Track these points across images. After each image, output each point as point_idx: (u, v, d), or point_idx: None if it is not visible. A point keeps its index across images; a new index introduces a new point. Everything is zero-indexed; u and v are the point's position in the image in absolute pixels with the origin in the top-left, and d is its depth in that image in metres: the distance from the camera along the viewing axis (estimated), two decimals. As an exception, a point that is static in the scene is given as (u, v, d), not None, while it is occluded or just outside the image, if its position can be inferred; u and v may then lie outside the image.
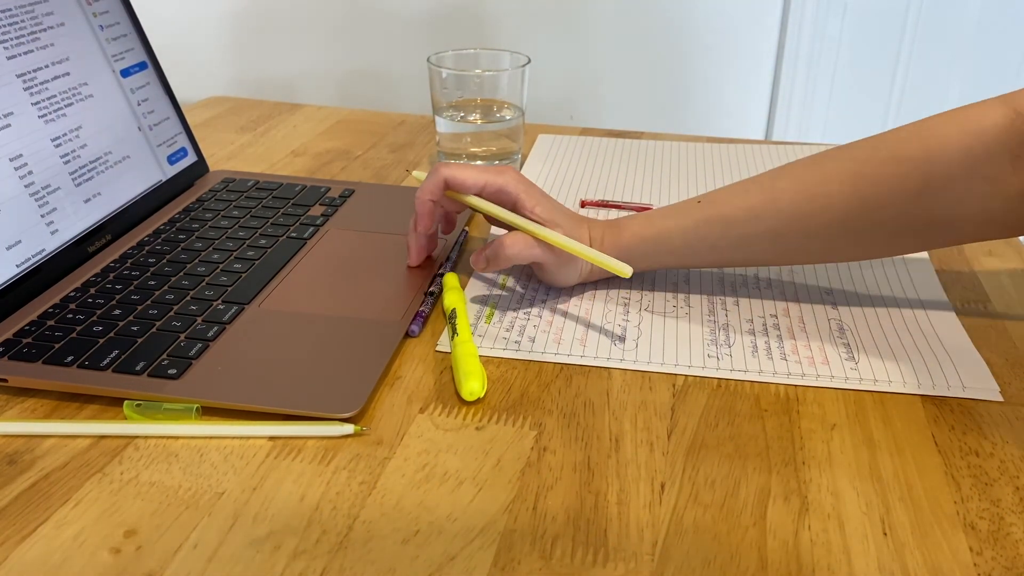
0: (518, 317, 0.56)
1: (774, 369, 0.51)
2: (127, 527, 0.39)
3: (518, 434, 0.45)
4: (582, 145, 0.88)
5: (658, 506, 0.41)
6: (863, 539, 0.39)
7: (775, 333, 0.55)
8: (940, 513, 0.40)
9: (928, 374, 0.50)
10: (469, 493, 0.41)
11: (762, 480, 0.42)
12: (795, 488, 0.42)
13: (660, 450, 0.44)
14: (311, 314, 0.54)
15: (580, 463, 0.43)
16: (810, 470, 0.43)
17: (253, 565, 0.37)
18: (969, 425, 0.46)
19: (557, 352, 0.52)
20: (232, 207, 0.69)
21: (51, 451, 0.44)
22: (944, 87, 1.43)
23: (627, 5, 1.37)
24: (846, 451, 0.44)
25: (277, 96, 1.37)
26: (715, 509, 0.40)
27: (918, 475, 0.43)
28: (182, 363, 0.48)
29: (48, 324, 0.52)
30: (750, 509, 0.40)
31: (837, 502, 0.41)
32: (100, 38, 0.66)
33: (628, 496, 0.41)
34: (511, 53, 0.77)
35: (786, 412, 0.48)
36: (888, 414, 0.47)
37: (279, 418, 0.46)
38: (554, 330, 0.55)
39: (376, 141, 0.91)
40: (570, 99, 1.43)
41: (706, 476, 0.43)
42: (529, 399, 0.48)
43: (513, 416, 0.47)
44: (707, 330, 0.55)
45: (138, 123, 0.69)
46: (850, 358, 0.52)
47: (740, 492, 0.41)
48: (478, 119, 0.76)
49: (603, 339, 0.54)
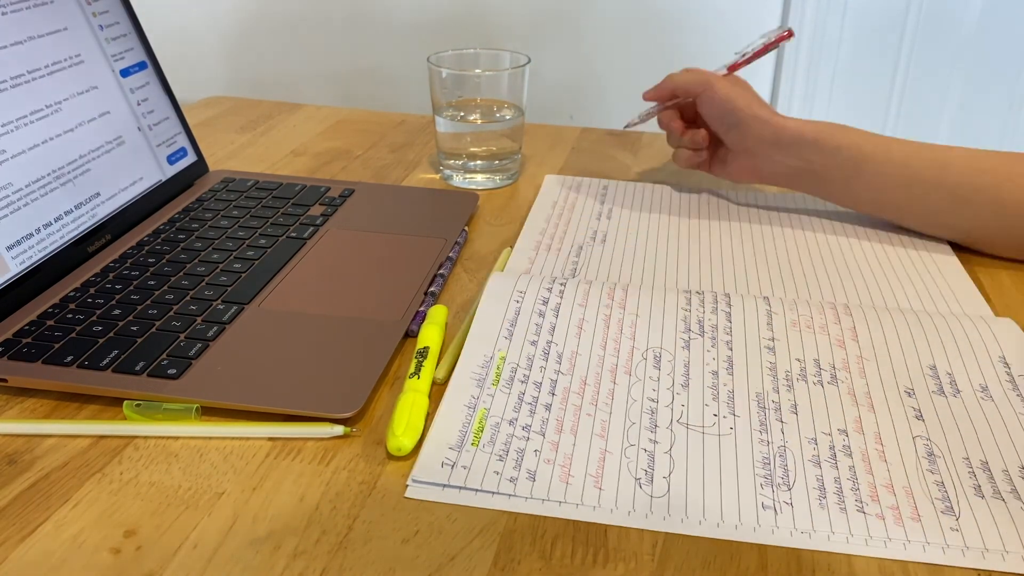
0: (515, 434, 0.44)
1: (849, 531, 0.39)
2: (127, 527, 0.39)
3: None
4: (589, 187, 0.78)
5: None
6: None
7: (846, 463, 0.42)
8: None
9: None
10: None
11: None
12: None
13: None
14: (311, 314, 0.54)
15: (580, 463, 0.43)
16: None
17: (253, 565, 0.37)
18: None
19: (564, 500, 0.40)
20: (232, 207, 0.69)
21: (51, 451, 0.44)
22: (944, 87, 1.43)
23: (627, 5, 1.37)
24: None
25: (277, 96, 1.37)
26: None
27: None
28: (182, 363, 0.48)
29: (48, 324, 0.52)
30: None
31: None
32: (100, 38, 0.66)
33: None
34: (511, 53, 0.77)
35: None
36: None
37: (279, 418, 0.46)
38: (561, 458, 0.42)
39: (376, 141, 0.91)
40: (570, 99, 1.43)
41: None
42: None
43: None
44: (759, 458, 0.43)
45: (138, 123, 0.69)
46: (948, 510, 0.40)
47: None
48: (478, 119, 0.76)
49: (625, 475, 0.42)
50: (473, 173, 0.78)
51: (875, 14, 1.38)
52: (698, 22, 1.37)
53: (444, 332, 0.53)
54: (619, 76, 1.41)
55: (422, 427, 0.44)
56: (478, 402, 0.46)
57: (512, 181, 0.80)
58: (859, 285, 0.61)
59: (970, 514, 0.39)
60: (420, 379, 0.47)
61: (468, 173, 0.78)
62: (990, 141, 1.46)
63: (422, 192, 0.75)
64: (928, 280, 0.61)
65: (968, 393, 0.48)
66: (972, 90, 1.43)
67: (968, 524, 0.39)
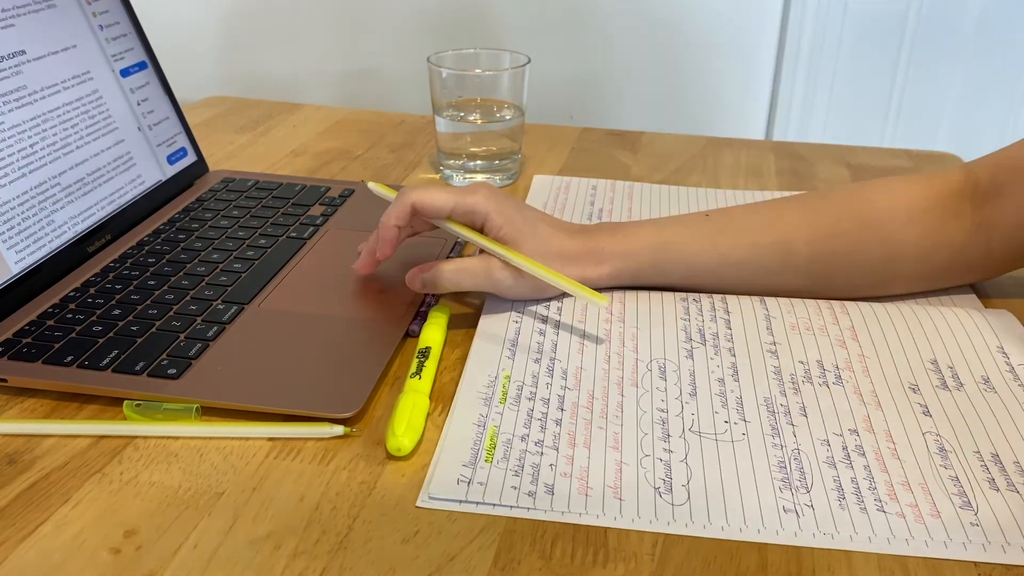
0: (528, 450, 0.43)
1: (872, 530, 0.38)
2: (127, 527, 0.39)
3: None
4: (578, 187, 0.78)
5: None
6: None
7: (861, 462, 0.42)
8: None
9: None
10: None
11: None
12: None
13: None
14: (311, 314, 0.54)
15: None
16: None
17: (253, 565, 0.37)
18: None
19: (585, 512, 0.40)
20: (232, 207, 0.69)
21: (51, 451, 0.44)
22: (944, 87, 1.43)
23: (627, 5, 1.37)
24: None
25: (277, 96, 1.37)
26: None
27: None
28: (182, 363, 0.48)
29: (48, 324, 0.52)
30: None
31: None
32: (100, 38, 0.66)
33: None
34: (511, 53, 0.77)
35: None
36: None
37: (279, 418, 0.46)
38: (578, 471, 0.42)
39: (376, 141, 0.91)
40: (570, 99, 1.43)
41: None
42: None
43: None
44: (775, 462, 0.42)
45: (138, 123, 0.69)
46: (966, 505, 0.40)
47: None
48: (478, 119, 0.76)
49: (644, 485, 0.41)
50: (473, 173, 0.78)
51: (875, 14, 1.38)
52: (698, 22, 1.37)
53: (446, 332, 0.53)
54: (619, 76, 1.41)
55: (423, 427, 0.44)
56: (487, 420, 0.45)
57: (512, 181, 0.80)
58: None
59: (988, 508, 0.39)
60: (421, 379, 0.47)
61: (468, 173, 0.78)
62: (990, 141, 1.46)
63: (422, 192, 0.75)
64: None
65: (971, 385, 0.48)
66: (972, 90, 1.43)
67: (987, 518, 0.39)
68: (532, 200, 0.75)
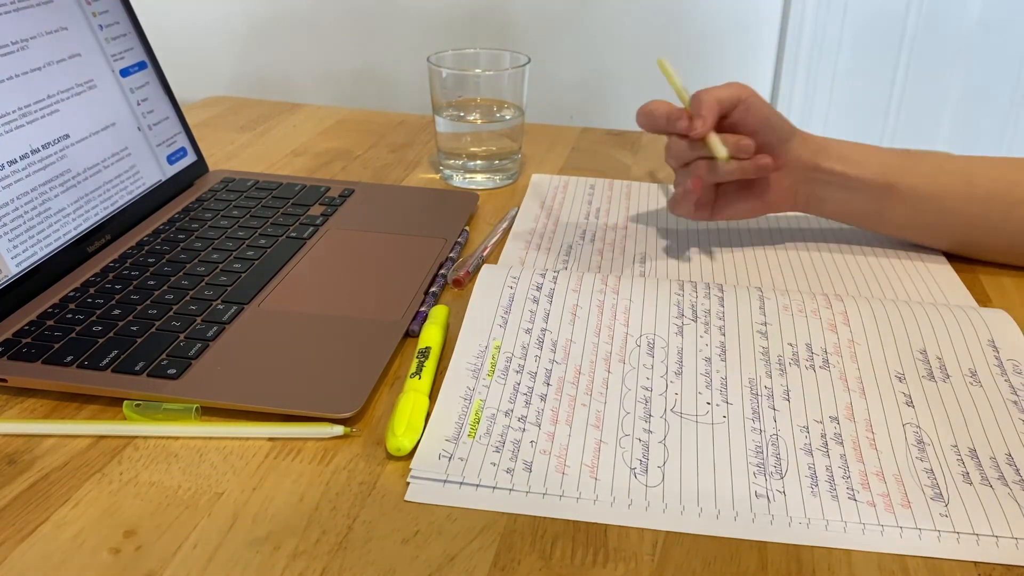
0: (510, 425, 0.44)
1: (841, 518, 0.39)
2: (127, 527, 0.39)
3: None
4: (576, 186, 0.78)
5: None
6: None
7: (838, 451, 0.43)
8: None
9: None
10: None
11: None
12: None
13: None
14: (311, 314, 0.54)
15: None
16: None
17: (253, 565, 0.37)
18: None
19: (562, 494, 0.40)
20: (232, 207, 0.69)
21: (51, 451, 0.44)
22: (944, 87, 1.43)
23: (627, 5, 1.37)
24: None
25: (277, 96, 1.37)
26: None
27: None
28: (182, 363, 0.48)
29: (47, 324, 0.52)
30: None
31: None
32: (100, 38, 0.66)
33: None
34: (511, 53, 0.77)
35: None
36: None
37: (279, 418, 0.46)
38: (557, 449, 0.43)
39: (376, 141, 0.91)
40: (570, 99, 1.43)
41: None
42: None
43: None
44: (752, 447, 0.43)
45: (138, 123, 0.69)
46: (937, 497, 0.40)
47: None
48: (478, 119, 0.76)
49: (620, 465, 0.42)
50: (473, 173, 0.78)
51: (875, 14, 1.39)
52: (699, 22, 1.37)
53: (445, 332, 0.53)
54: (620, 76, 1.41)
55: (422, 427, 0.44)
56: (474, 393, 0.46)
57: (512, 181, 0.80)
58: (849, 287, 0.61)
59: (959, 500, 0.40)
60: (421, 379, 0.47)
61: (468, 173, 0.78)
62: (990, 141, 1.46)
63: (422, 192, 0.75)
64: (920, 284, 0.61)
65: (957, 378, 0.48)
66: (972, 90, 1.43)
67: (957, 510, 0.39)
68: (529, 198, 0.75)
